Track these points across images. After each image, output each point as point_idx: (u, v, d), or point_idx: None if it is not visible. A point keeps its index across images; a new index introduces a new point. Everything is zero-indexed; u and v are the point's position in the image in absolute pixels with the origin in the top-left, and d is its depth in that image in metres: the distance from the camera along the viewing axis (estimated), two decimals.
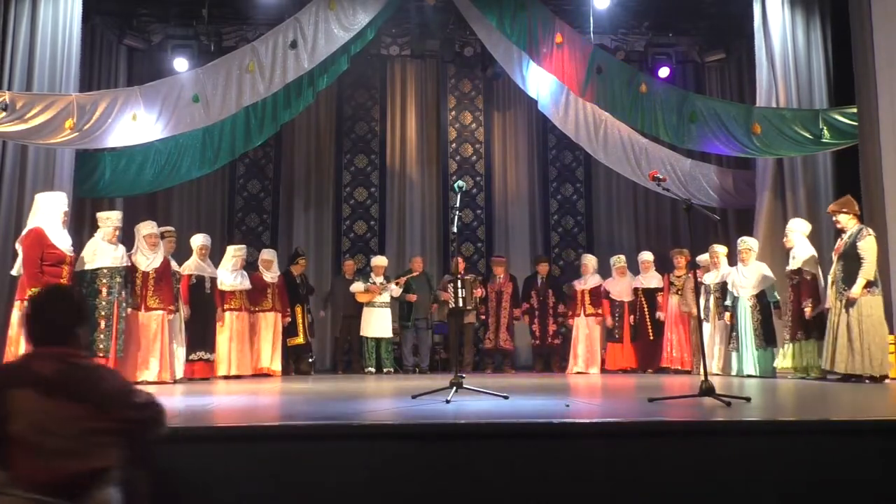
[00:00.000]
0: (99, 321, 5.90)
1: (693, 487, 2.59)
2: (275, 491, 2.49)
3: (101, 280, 5.96)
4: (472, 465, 2.57)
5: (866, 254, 5.99)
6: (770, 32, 8.34)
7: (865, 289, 5.95)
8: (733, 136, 8.02)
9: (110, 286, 5.98)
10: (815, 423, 2.95)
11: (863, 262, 5.98)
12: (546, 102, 9.09)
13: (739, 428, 2.91)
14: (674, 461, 2.64)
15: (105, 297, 5.94)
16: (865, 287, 5.95)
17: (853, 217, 6.24)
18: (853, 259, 6.05)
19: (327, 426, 2.81)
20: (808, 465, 2.65)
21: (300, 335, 8.48)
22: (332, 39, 8.14)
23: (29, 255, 5.45)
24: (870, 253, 5.99)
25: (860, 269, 5.97)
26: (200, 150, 8.52)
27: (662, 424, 2.93)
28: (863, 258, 5.99)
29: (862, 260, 5.98)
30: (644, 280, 8.80)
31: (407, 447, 2.63)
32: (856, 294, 5.96)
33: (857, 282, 5.96)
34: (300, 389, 5.55)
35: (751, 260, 7.34)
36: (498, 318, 9.20)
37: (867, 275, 5.95)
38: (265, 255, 8.38)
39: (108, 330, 5.93)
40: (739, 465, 2.63)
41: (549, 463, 2.58)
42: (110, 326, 5.94)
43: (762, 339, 7.11)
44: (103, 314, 5.92)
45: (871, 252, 5.99)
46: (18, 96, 6.68)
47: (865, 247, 6.00)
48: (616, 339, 8.82)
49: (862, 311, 5.95)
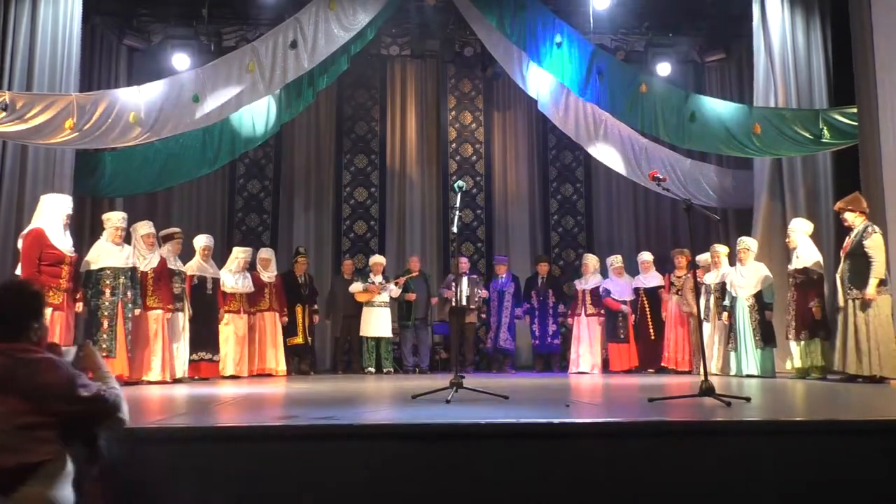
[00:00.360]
0: (102, 321, 5.93)
1: (693, 487, 2.59)
2: (275, 491, 2.49)
3: (105, 281, 5.99)
4: (472, 465, 2.57)
5: (874, 252, 5.89)
6: (770, 32, 8.34)
7: (880, 286, 5.85)
8: (733, 136, 8.02)
9: (114, 287, 6.01)
10: (816, 424, 2.95)
11: (872, 262, 5.88)
12: (546, 102, 9.10)
13: (739, 428, 2.91)
14: (674, 461, 2.64)
15: (108, 298, 5.97)
16: (880, 285, 5.85)
17: (860, 215, 6.16)
18: (860, 258, 5.98)
19: (327, 426, 2.81)
20: (808, 465, 2.65)
21: (299, 335, 8.48)
22: (332, 39, 8.13)
23: (27, 255, 5.51)
24: (877, 251, 5.90)
25: (869, 268, 5.87)
26: (200, 150, 8.52)
27: (662, 424, 2.93)
28: (871, 257, 5.89)
29: (871, 259, 5.89)
30: (645, 280, 8.80)
31: (407, 447, 2.62)
32: (871, 294, 5.85)
33: (870, 282, 5.86)
34: (300, 389, 5.55)
35: (749, 260, 7.34)
36: (500, 318, 9.21)
37: (878, 273, 5.86)
38: (263, 255, 8.39)
39: (112, 330, 5.96)
40: (739, 465, 2.63)
41: (549, 463, 2.58)
42: (114, 327, 5.97)
43: (761, 339, 7.10)
44: (106, 314, 5.95)
45: (878, 250, 5.90)
46: (18, 96, 6.68)
47: (872, 245, 5.92)
48: (622, 339, 8.80)
49: (872, 310, 5.86)
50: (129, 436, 2.41)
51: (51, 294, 5.50)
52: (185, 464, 2.53)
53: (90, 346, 2.48)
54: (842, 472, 2.63)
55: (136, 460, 2.46)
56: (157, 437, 2.65)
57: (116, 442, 2.32)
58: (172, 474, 2.50)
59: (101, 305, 5.94)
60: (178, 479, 2.49)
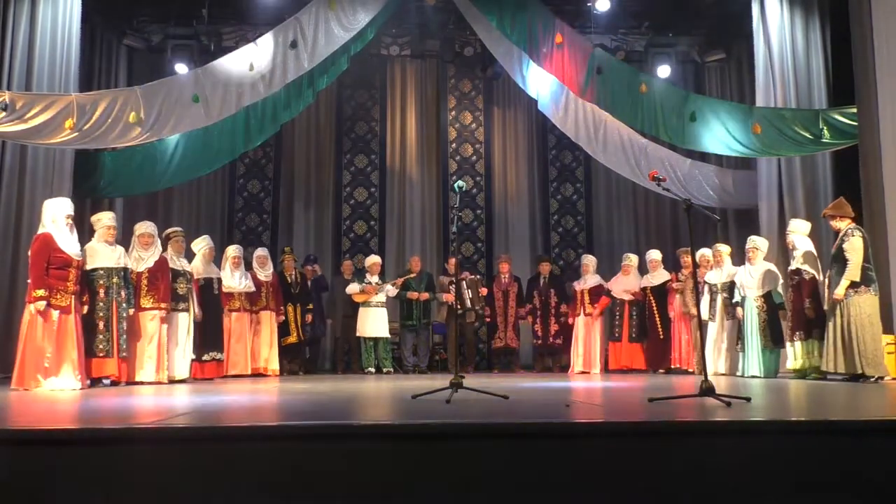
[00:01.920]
0: (97, 322, 5.90)
1: (693, 487, 2.59)
2: (274, 491, 2.49)
3: (99, 281, 5.95)
4: (472, 465, 2.57)
5: (851, 254, 6.03)
6: (769, 32, 8.35)
7: (851, 288, 5.99)
8: (733, 136, 8.02)
9: (107, 286, 5.97)
10: (816, 423, 2.95)
11: (848, 263, 6.03)
12: (546, 102, 9.10)
13: (739, 428, 2.91)
14: (674, 461, 2.64)
15: (102, 298, 5.94)
16: (851, 287, 5.99)
17: (843, 219, 6.27)
18: (842, 261, 6.10)
19: (327, 426, 2.81)
20: (808, 464, 2.65)
21: (292, 334, 8.47)
22: (332, 39, 8.14)
23: (35, 260, 5.57)
24: (854, 253, 6.01)
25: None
26: (200, 150, 8.52)
27: (662, 424, 2.92)
28: (848, 259, 6.03)
29: (847, 261, 6.03)
30: (652, 278, 8.78)
31: (407, 447, 2.62)
32: (839, 295, 6.02)
33: (841, 283, 6.03)
34: (299, 389, 5.55)
35: (757, 259, 7.31)
36: (506, 318, 9.21)
37: (851, 275, 5.99)
38: (258, 253, 8.38)
39: (108, 331, 5.93)
40: (739, 465, 2.63)
41: (549, 463, 2.58)
42: (110, 327, 5.94)
43: (769, 340, 7.07)
44: (101, 315, 5.92)
45: (855, 252, 6.01)
46: (18, 96, 6.68)
47: (849, 247, 6.05)
48: (616, 337, 8.83)
49: (853, 310, 5.99)
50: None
51: (59, 297, 5.54)
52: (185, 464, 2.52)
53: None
54: (842, 473, 2.63)
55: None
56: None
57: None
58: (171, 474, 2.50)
59: (96, 306, 5.91)
60: (178, 479, 2.49)
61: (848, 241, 6.07)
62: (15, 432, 2.72)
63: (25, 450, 2.48)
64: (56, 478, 2.41)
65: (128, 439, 2.58)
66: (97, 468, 2.44)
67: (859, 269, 5.99)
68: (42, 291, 5.45)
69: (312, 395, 4.86)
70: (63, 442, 2.51)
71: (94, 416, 3.45)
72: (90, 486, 2.41)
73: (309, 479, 2.52)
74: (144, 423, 2.93)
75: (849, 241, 6.06)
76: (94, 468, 2.44)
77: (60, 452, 2.46)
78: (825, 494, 2.60)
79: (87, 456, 2.47)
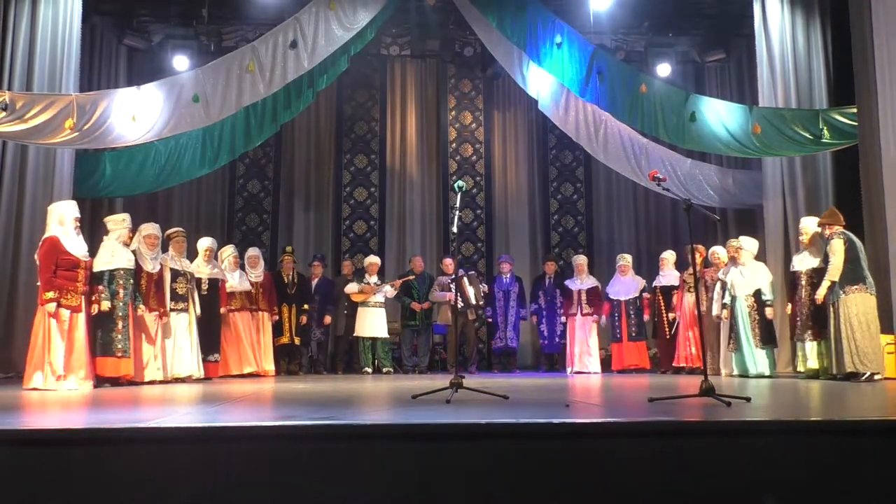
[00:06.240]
0: (117, 321, 5.96)
1: (693, 487, 2.59)
2: (274, 491, 2.49)
3: (118, 281, 6.03)
4: (472, 465, 2.57)
5: (831, 256, 6.20)
6: (770, 32, 8.35)
7: (840, 289, 6.10)
8: (733, 136, 8.02)
9: (125, 287, 6.06)
10: (816, 423, 2.95)
11: (829, 265, 6.20)
12: (546, 102, 9.10)
13: (739, 428, 2.91)
14: (674, 461, 2.64)
15: (122, 299, 6.02)
16: (839, 287, 6.11)
17: (833, 227, 6.34)
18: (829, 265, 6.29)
19: (327, 426, 2.80)
20: (808, 465, 2.65)
21: (285, 335, 8.46)
22: (332, 39, 8.14)
23: (44, 262, 5.66)
24: (835, 256, 6.17)
25: (838, 273, 6.14)
26: (200, 150, 8.53)
27: (662, 424, 2.92)
28: (830, 261, 6.20)
29: (829, 263, 6.21)
30: (663, 278, 8.75)
31: (407, 447, 2.62)
32: (820, 296, 6.21)
33: (823, 283, 6.20)
34: (299, 389, 5.55)
35: (744, 259, 7.32)
36: (507, 318, 9.21)
37: (831, 276, 6.18)
38: (250, 253, 8.35)
39: (126, 331, 6.00)
40: (739, 465, 2.63)
41: (549, 463, 2.58)
42: (127, 327, 6.02)
43: (760, 339, 7.10)
44: (120, 315, 5.99)
45: (836, 254, 6.17)
46: (18, 96, 6.69)
47: (830, 250, 6.24)
48: (617, 338, 8.83)
49: (842, 310, 6.09)
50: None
51: (69, 297, 5.64)
52: (184, 464, 2.53)
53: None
54: (842, 473, 2.63)
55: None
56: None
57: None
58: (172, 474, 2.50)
59: (116, 306, 5.98)
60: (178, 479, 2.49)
61: (829, 244, 6.24)
62: (31, 432, 2.73)
63: (41, 450, 2.49)
64: (56, 478, 2.41)
65: (131, 440, 2.58)
66: (98, 468, 2.45)
67: (839, 270, 6.14)
68: (52, 293, 5.55)
69: (312, 395, 4.86)
70: (71, 442, 2.52)
71: (104, 418, 3.45)
72: (90, 485, 2.41)
73: (309, 479, 2.52)
74: (144, 424, 2.93)
75: (830, 245, 6.23)
76: (94, 468, 2.44)
77: (68, 452, 2.47)
78: (825, 494, 2.60)
79: (92, 456, 2.48)
